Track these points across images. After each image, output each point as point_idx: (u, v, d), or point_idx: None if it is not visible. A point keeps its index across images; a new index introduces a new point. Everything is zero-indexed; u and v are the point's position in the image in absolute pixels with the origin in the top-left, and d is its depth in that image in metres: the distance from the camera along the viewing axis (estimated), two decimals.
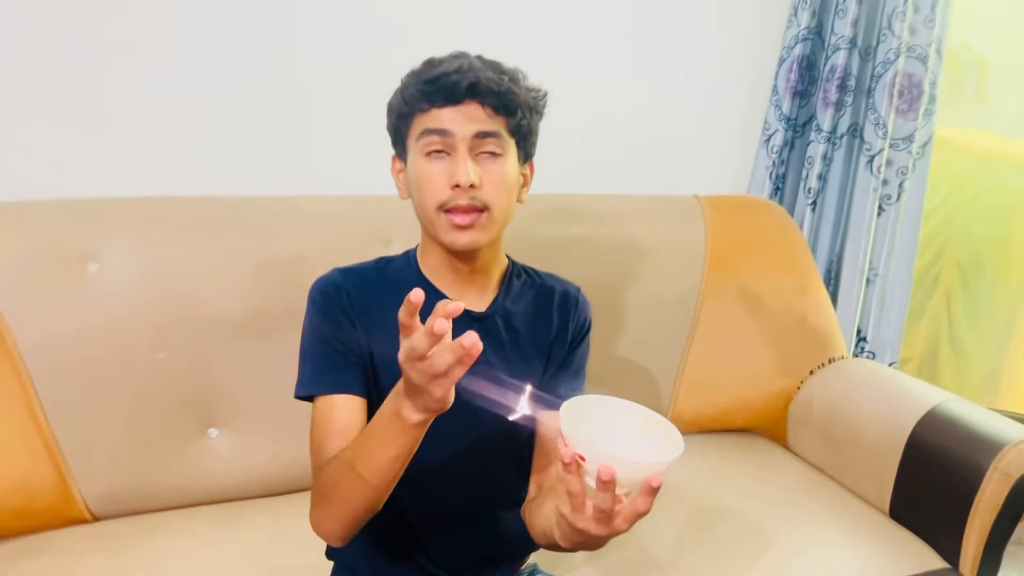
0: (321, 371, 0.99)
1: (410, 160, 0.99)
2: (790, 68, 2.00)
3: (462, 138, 0.94)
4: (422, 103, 0.94)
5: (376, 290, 1.03)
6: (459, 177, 0.93)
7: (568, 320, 1.12)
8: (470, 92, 0.93)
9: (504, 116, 0.96)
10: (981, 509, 1.44)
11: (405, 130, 0.99)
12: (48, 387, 1.30)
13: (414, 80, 0.96)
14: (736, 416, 1.88)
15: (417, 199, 0.99)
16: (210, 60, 1.56)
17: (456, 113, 0.94)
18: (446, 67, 0.94)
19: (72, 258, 1.33)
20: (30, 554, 1.26)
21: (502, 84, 0.94)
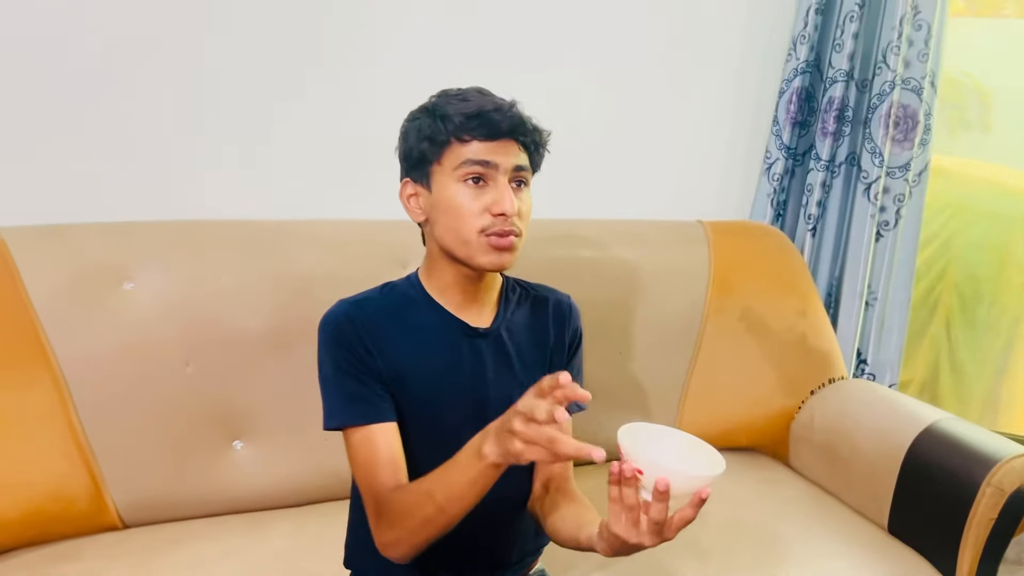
0: (351, 401, 1.03)
1: (440, 185, 1.03)
2: (790, 100, 2.07)
3: (504, 170, 1.01)
4: (463, 134, 1.00)
5: (384, 313, 1.08)
6: (505, 206, 1.00)
7: (564, 328, 1.19)
8: (511, 131, 1.01)
9: (529, 153, 1.05)
10: (975, 524, 1.49)
11: (434, 156, 1.03)
12: (86, 398, 1.37)
13: (452, 111, 1.01)
14: (739, 435, 1.93)
15: (451, 223, 1.03)
16: (237, 95, 1.65)
17: (496, 147, 1.01)
18: (482, 103, 1.01)
19: (109, 278, 1.41)
20: (65, 559, 1.33)
21: (532, 126, 1.04)
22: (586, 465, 1.00)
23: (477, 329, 1.10)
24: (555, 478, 1.17)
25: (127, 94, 1.57)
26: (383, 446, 1.02)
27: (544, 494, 1.17)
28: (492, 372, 1.11)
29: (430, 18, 1.78)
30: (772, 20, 2.10)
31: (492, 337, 1.12)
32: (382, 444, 1.02)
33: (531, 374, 1.13)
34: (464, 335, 1.10)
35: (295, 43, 1.68)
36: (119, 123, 1.57)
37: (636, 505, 0.85)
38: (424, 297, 1.11)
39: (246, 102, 1.66)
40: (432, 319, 1.09)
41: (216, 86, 1.63)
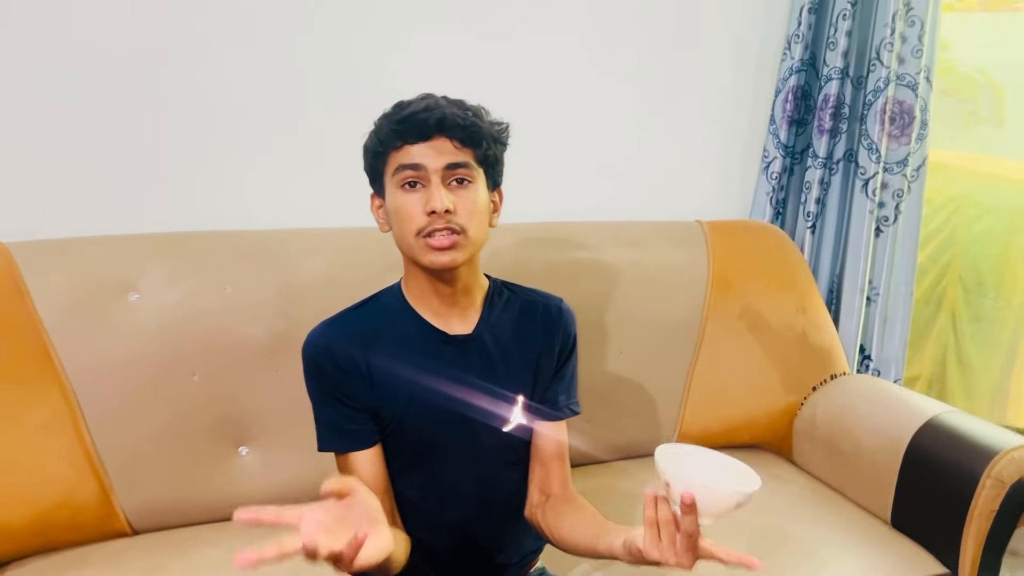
0: (332, 431, 1.09)
1: (388, 195, 1.05)
2: (786, 98, 2.08)
3: (434, 170, 1.01)
4: (395, 141, 1.02)
5: (360, 329, 1.10)
6: (434, 204, 0.99)
7: (554, 332, 1.17)
8: (438, 128, 1.00)
9: (471, 148, 1.03)
10: (977, 516, 1.49)
11: (381, 168, 1.05)
12: (93, 408, 1.40)
13: (387, 122, 1.03)
14: (742, 432, 1.94)
15: (397, 229, 1.05)
16: (235, 106, 1.68)
17: (427, 148, 1.01)
18: (415, 107, 1.02)
19: (114, 289, 1.44)
20: (74, 566, 1.35)
21: (467, 119, 1.02)
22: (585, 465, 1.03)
23: (455, 337, 1.10)
24: (554, 483, 1.17)
25: (130, 106, 1.60)
26: (362, 473, 1.07)
27: (544, 501, 1.16)
28: (474, 378, 1.11)
29: (432, 22, 1.80)
30: (766, 20, 2.11)
31: (474, 343, 1.11)
32: (362, 470, 1.07)
33: (517, 379, 1.14)
34: (443, 343, 1.10)
35: (296, 53, 1.70)
36: (122, 136, 1.60)
37: (670, 520, 0.88)
38: (404, 307, 1.12)
39: (246, 113, 1.69)
40: (411, 329, 1.10)
41: (217, 97, 1.66)
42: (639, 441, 1.86)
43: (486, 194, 1.07)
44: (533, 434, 1.16)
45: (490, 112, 1.09)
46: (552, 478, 1.17)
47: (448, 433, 1.10)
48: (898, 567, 1.51)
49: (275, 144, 1.73)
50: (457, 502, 1.14)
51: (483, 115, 1.06)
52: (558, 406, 1.17)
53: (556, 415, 1.17)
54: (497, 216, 1.14)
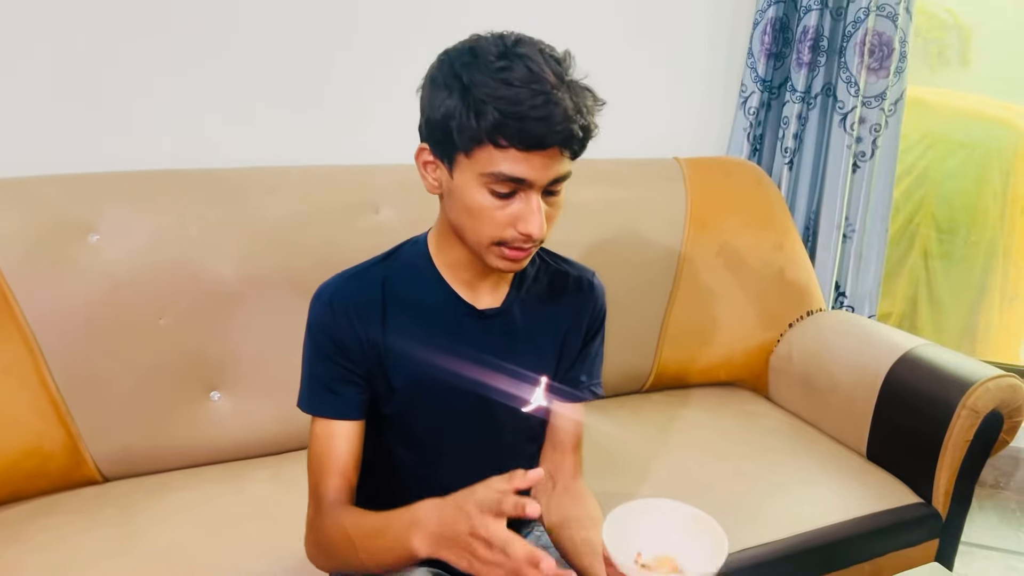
0: (321, 391, 0.98)
1: (463, 179, 0.89)
2: (764, 31, 2.04)
3: (539, 187, 0.87)
4: (499, 138, 0.83)
5: (383, 288, 0.99)
6: (532, 229, 0.87)
7: (583, 308, 1.09)
8: (560, 142, 0.85)
9: (576, 155, 0.90)
10: (951, 446, 1.52)
11: (467, 149, 0.86)
12: (56, 353, 1.35)
13: (492, 105, 0.83)
14: (719, 370, 1.95)
15: (466, 222, 0.91)
16: (201, 35, 1.60)
17: (536, 159, 0.85)
18: (530, 104, 0.82)
19: (73, 230, 1.38)
20: (44, 513, 1.32)
21: (587, 127, 0.87)
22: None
23: (484, 311, 1.02)
24: (566, 471, 1.11)
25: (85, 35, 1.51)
26: (340, 446, 0.97)
27: (551, 490, 1.10)
28: (498, 354, 1.02)
29: None
30: None
31: (500, 318, 1.03)
32: (340, 443, 0.97)
33: (541, 357, 1.06)
34: (469, 316, 1.01)
35: None
36: (78, 69, 1.52)
37: None
38: (430, 270, 1.01)
39: (206, 46, 1.61)
40: (436, 297, 1.00)
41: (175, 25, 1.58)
42: (616, 381, 1.86)
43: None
44: (550, 415, 1.09)
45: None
46: (564, 464, 1.11)
47: (462, 407, 1.02)
48: (873, 497, 1.53)
49: (240, 77, 1.65)
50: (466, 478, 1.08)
51: (596, 109, 0.91)
52: (579, 386, 1.10)
53: (576, 395, 1.10)
54: None
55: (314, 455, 0.98)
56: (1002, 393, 1.49)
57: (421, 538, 0.81)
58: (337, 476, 0.96)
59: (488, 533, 0.75)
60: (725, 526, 1.41)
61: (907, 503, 1.54)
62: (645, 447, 1.63)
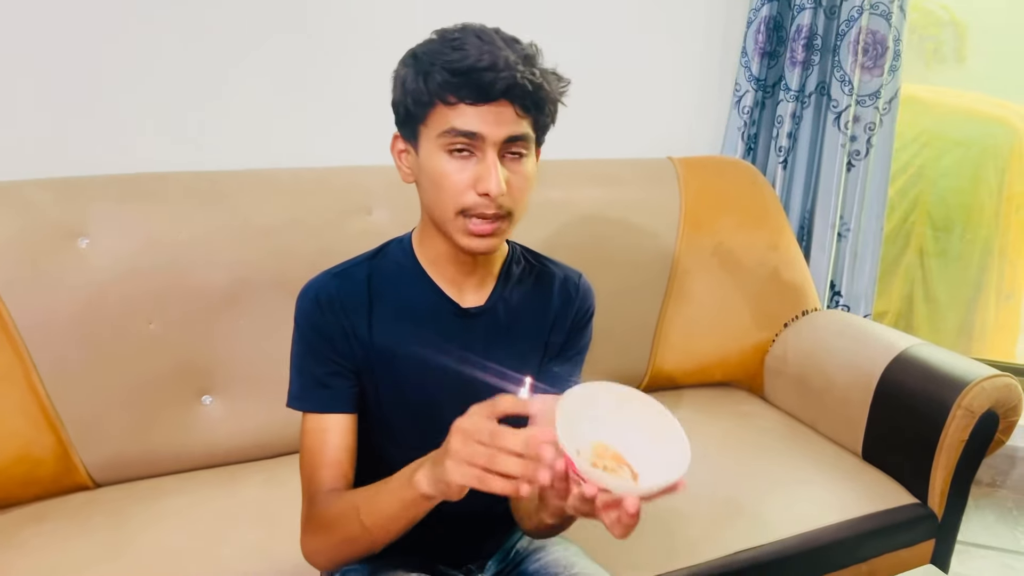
0: (312, 387, 0.97)
1: (425, 150, 0.91)
2: (758, 29, 2.03)
3: (493, 142, 0.88)
4: (448, 95, 0.86)
5: (368, 286, 0.99)
6: (490, 186, 0.87)
7: (567, 307, 1.08)
8: (505, 93, 0.86)
9: (532, 115, 0.90)
10: (946, 446, 1.51)
11: (421, 116, 0.90)
12: (46, 359, 1.34)
13: (439, 65, 0.86)
14: (714, 370, 1.94)
15: (432, 196, 0.92)
16: (189, 38, 1.59)
17: (487, 113, 0.86)
18: (475, 57, 0.85)
19: (62, 234, 1.37)
20: (35, 520, 1.31)
21: (535, 81, 0.88)
22: None
23: (468, 310, 1.01)
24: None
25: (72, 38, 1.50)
26: (333, 440, 0.96)
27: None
28: (482, 352, 1.01)
29: None
30: None
31: (485, 316, 1.02)
32: (333, 437, 0.96)
33: (523, 353, 1.06)
34: (454, 315, 1.01)
35: None
36: (65, 71, 1.51)
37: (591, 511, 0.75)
38: (415, 268, 1.01)
39: (194, 50, 1.60)
40: (421, 295, 1.00)
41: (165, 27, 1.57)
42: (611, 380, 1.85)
43: (535, 163, 0.96)
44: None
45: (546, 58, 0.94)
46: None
47: (448, 406, 0.99)
48: (869, 498, 1.52)
49: (230, 79, 1.64)
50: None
51: (549, 74, 0.92)
52: (564, 384, 1.09)
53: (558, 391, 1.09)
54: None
55: (306, 450, 0.97)
56: (997, 393, 1.49)
57: (423, 472, 0.79)
58: (333, 467, 0.95)
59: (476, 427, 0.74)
60: (719, 528, 1.41)
61: (903, 504, 1.53)
62: None
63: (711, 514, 1.43)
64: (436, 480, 0.78)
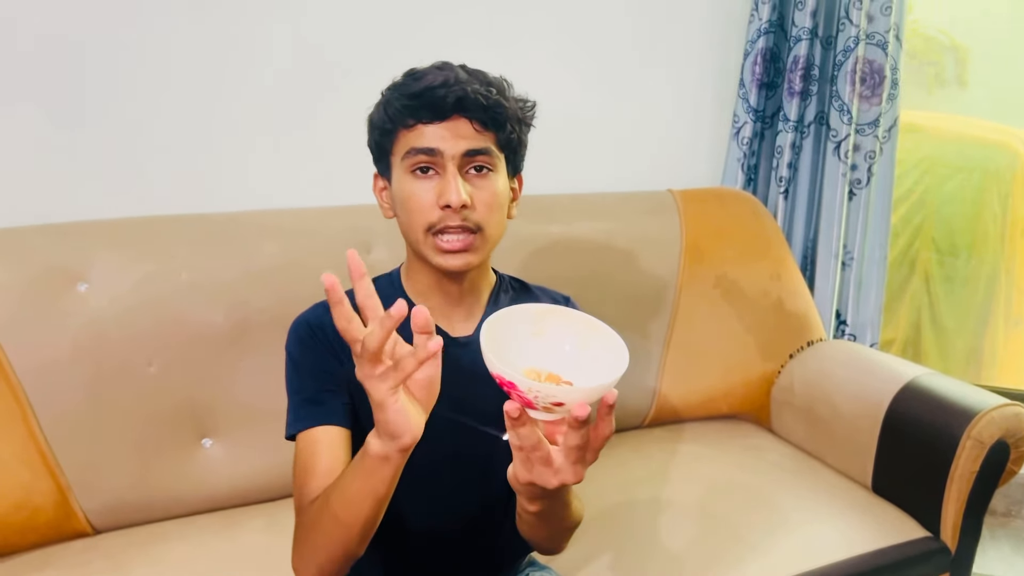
0: (304, 406, 0.96)
1: (395, 179, 0.95)
2: (755, 61, 2.04)
3: (451, 156, 0.90)
4: (407, 119, 0.90)
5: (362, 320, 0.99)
6: (449, 197, 0.89)
7: None
8: (457, 107, 0.89)
9: (493, 131, 0.93)
10: (958, 477, 1.48)
11: (389, 147, 0.94)
12: (45, 404, 1.33)
13: (397, 94, 0.92)
14: (720, 402, 1.92)
15: (404, 220, 0.95)
16: (190, 80, 1.60)
17: (443, 130, 0.90)
18: (430, 80, 0.90)
19: (61, 278, 1.37)
20: (34, 569, 1.30)
21: (490, 97, 0.91)
22: None
23: (457, 340, 1.01)
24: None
25: (72, 86, 1.52)
26: (324, 452, 0.93)
27: None
28: (469, 383, 0.98)
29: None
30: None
31: (474, 346, 1.01)
32: (324, 449, 0.93)
33: None
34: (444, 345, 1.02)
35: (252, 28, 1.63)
36: (64, 118, 1.52)
37: (539, 443, 0.74)
38: (403, 299, 1.02)
39: (194, 92, 1.61)
40: (409, 326, 1.01)
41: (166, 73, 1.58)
42: (616, 416, 1.82)
43: (506, 182, 0.97)
44: None
45: (513, 86, 0.97)
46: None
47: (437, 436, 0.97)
48: (880, 532, 1.50)
49: (229, 121, 1.65)
50: (452, 506, 1.06)
51: (507, 91, 0.95)
52: None
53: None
54: (516, 205, 1.04)
55: (298, 467, 0.94)
56: (1007, 422, 1.47)
57: (372, 434, 0.78)
58: (324, 477, 0.91)
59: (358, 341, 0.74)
60: (728, 564, 1.39)
61: (914, 537, 1.50)
62: (648, 484, 1.60)
63: (719, 550, 1.40)
64: (379, 432, 0.77)
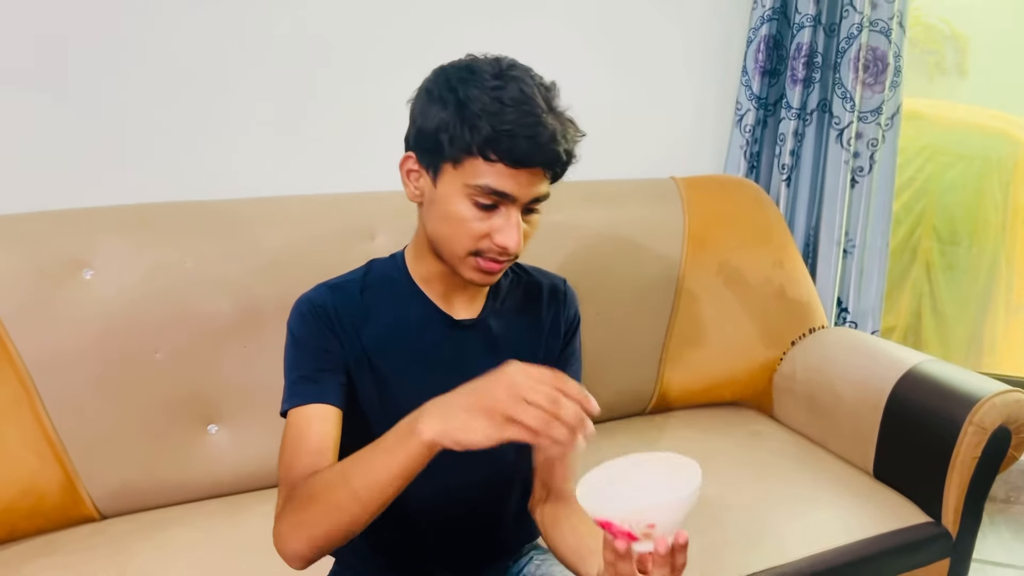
0: (299, 383, 0.96)
1: (446, 188, 0.92)
2: (758, 48, 2.04)
3: (520, 203, 0.91)
4: (489, 152, 0.87)
5: (362, 299, 1.01)
6: (509, 243, 0.90)
7: (559, 314, 1.11)
8: (544, 163, 0.89)
9: (557, 176, 0.94)
10: (959, 463, 1.49)
11: (455, 159, 0.90)
12: (51, 391, 1.34)
13: (486, 120, 0.86)
14: (723, 390, 1.93)
15: (444, 231, 0.94)
16: (195, 67, 1.60)
17: (521, 176, 0.89)
18: (522, 124, 0.87)
19: (66, 266, 1.37)
20: (41, 553, 1.31)
21: (571, 152, 0.92)
22: None
23: (461, 322, 1.03)
24: (556, 477, 1.09)
25: (74, 72, 1.52)
26: (315, 430, 0.92)
27: (545, 496, 1.10)
28: (475, 365, 0.97)
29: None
30: None
31: (478, 328, 1.04)
32: (315, 427, 0.93)
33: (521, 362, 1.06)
34: (447, 327, 1.03)
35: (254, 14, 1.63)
36: (66, 104, 1.52)
37: (634, 572, 0.78)
38: (407, 282, 1.03)
39: (197, 78, 1.61)
40: (413, 309, 1.02)
41: (167, 57, 1.58)
42: (619, 402, 1.84)
43: None
44: None
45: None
46: (554, 472, 1.10)
47: None
48: (882, 518, 1.51)
49: (234, 109, 1.65)
50: (458, 492, 1.06)
51: (576, 134, 0.94)
52: None
53: None
54: None
55: (288, 442, 0.93)
56: (1008, 408, 1.47)
57: (429, 418, 0.77)
58: (315, 455, 0.90)
59: (543, 378, 0.74)
60: (733, 550, 1.39)
61: (916, 523, 1.52)
62: None
63: (723, 536, 1.41)
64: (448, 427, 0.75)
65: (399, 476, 0.79)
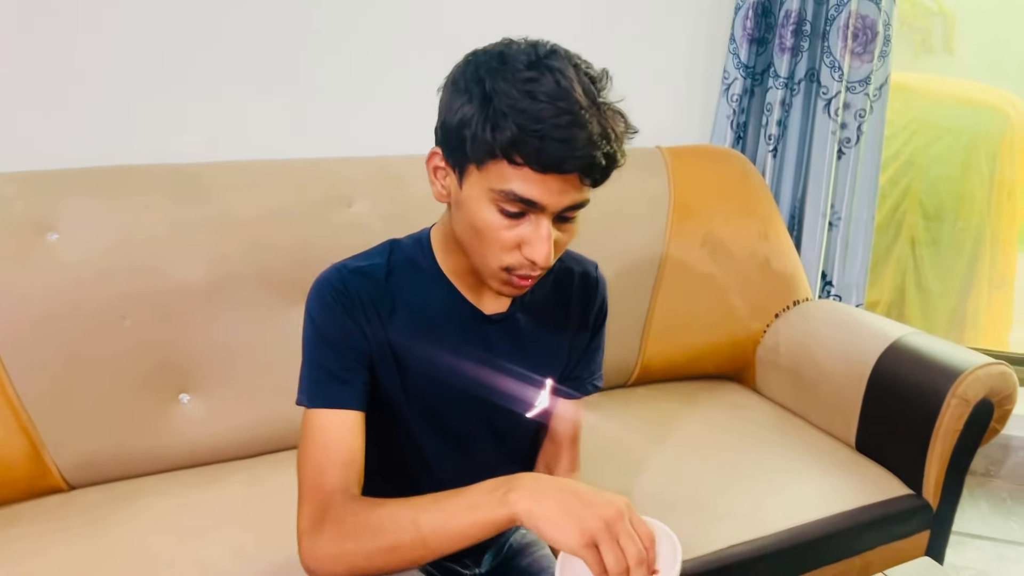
0: (327, 381, 0.91)
1: (471, 192, 0.83)
2: (746, 15, 2.00)
3: (551, 212, 0.82)
4: (515, 156, 0.78)
5: (386, 285, 0.94)
6: (538, 257, 0.82)
7: (589, 305, 1.06)
8: (576, 169, 0.78)
9: (597, 183, 0.84)
10: (941, 435, 1.48)
11: (479, 160, 0.81)
12: (15, 358, 1.30)
13: (511, 118, 0.77)
14: (706, 362, 1.91)
15: (472, 241, 0.86)
16: (167, 26, 1.55)
17: (552, 182, 0.79)
18: (554, 125, 0.76)
19: (30, 229, 1.33)
20: (8, 524, 1.27)
21: (613, 155, 0.81)
22: None
23: (490, 316, 0.98)
24: (563, 465, 1.09)
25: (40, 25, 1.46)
26: (348, 437, 0.89)
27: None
28: (502, 359, 0.98)
29: None
30: None
31: (506, 323, 0.99)
32: (347, 434, 0.89)
33: (549, 360, 1.03)
34: (474, 321, 0.97)
35: None
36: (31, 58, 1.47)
37: None
38: (434, 269, 0.96)
39: (171, 39, 1.56)
40: (440, 299, 0.96)
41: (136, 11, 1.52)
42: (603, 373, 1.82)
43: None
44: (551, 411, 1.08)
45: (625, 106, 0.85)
46: (562, 459, 1.09)
47: (464, 412, 0.99)
48: (863, 490, 1.50)
49: (207, 69, 1.60)
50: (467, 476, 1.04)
51: (623, 133, 0.83)
52: (581, 383, 1.08)
53: (578, 392, 1.08)
54: None
55: (315, 446, 0.89)
56: (992, 381, 1.46)
57: (522, 492, 0.74)
58: (348, 466, 0.87)
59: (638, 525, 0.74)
60: (713, 522, 1.38)
61: (897, 495, 1.51)
62: (632, 442, 1.59)
63: (703, 509, 1.40)
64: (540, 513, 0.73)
65: (475, 536, 0.77)
